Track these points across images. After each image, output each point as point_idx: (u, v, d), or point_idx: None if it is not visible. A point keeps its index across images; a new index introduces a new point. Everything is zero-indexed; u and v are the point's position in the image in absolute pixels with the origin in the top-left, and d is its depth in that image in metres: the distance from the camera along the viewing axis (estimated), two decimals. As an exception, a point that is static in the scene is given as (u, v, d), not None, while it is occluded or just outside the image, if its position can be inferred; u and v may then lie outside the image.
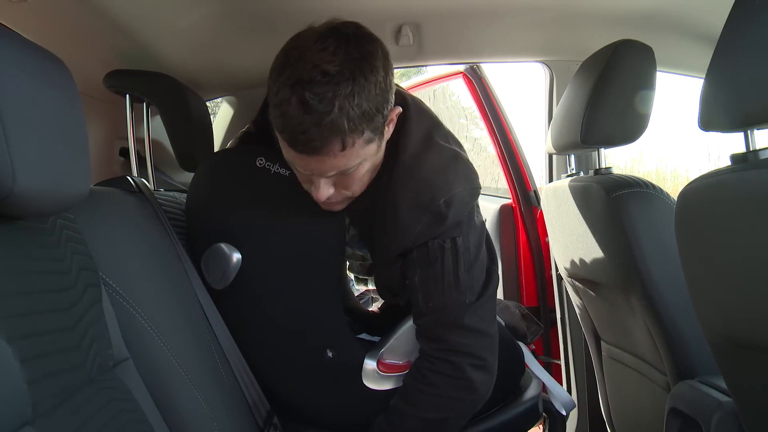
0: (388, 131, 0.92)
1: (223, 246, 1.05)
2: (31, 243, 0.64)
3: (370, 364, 1.11)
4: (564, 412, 1.28)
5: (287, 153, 0.88)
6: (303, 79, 0.79)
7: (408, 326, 1.13)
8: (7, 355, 0.52)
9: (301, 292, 1.08)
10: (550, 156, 1.76)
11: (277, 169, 1.06)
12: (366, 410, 1.10)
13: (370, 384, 1.10)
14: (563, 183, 1.36)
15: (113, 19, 1.06)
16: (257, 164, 1.07)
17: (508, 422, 1.17)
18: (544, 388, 1.30)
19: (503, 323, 1.33)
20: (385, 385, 1.11)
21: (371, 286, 1.39)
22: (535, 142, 1.99)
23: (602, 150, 1.26)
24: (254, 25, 1.32)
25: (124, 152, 1.43)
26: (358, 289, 1.44)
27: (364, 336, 1.22)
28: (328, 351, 1.09)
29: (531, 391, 1.23)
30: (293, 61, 0.81)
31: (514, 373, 1.26)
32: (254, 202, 1.08)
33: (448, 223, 0.95)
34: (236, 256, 1.05)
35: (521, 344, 1.31)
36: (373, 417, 1.09)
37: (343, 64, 0.80)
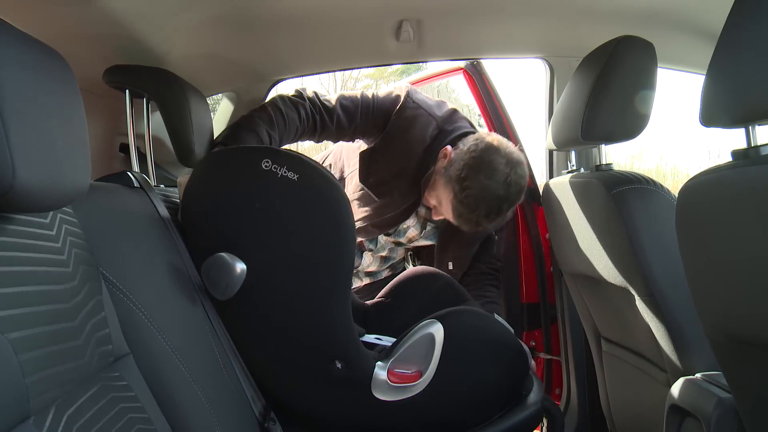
0: None
1: (226, 256, 0.99)
2: (30, 237, 0.64)
3: (380, 375, 1.08)
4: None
5: (447, 206, 1.41)
6: (492, 209, 1.34)
7: (418, 336, 1.10)
8: (5, 349, 0.52)
9: (309, 302, 1.04)
10: (551, 152, 1.75)
11: (285, 172, 1.00)
12: (372, 419, 1.08)
13: (380, 395, 1.08)
14: (564, 179, 1.36)
15: (113, 14, 1.06)
16: (263, 166, 1.01)
17: (512, 427, 1.16)
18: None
19: (512, 330, 1.32)
20: (395, 396, 1.08)
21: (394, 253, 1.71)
22: (536, 139, 1.99)
23: (603, 146, 1.26)
24: (255, 21, 1.31)
25: (124, 148, 1.43)
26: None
27: (366, 339, 1.20)
28: (336, 362, 1.06)
29: (534, 396, 1.22)
30: (482, 186, 1.33)
31: (519, 378, 1.25)
32: (260, 208, 1.03)
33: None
34: (240, 267, 0.99)
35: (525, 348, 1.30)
36: (378, 425, 1.07)
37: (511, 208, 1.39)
